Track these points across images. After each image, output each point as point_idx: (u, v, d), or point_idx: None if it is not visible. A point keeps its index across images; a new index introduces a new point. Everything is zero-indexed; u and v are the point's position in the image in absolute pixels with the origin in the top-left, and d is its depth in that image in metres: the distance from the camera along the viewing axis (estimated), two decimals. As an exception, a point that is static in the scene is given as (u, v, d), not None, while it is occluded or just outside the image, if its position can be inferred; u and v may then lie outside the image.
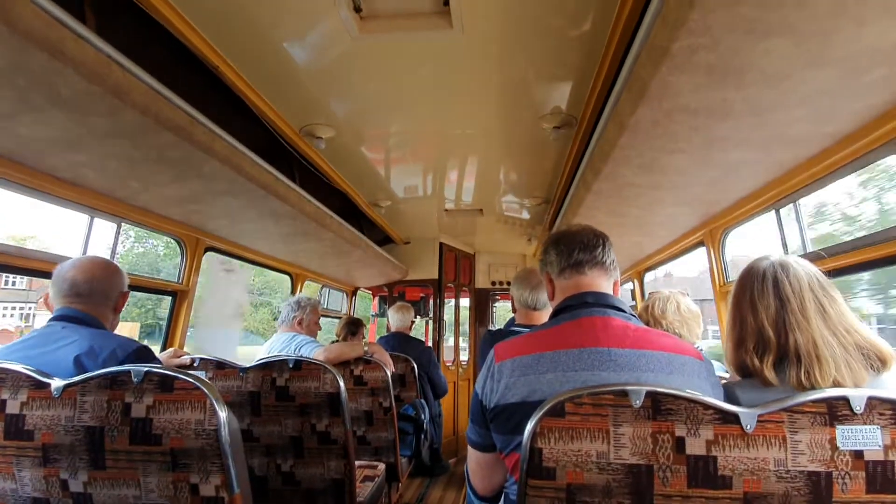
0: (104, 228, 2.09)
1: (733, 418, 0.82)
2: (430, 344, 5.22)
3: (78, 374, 1.09)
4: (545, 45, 1.73)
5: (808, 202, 1.95)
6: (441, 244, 5.25)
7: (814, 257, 1.18)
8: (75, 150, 1.55)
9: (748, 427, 0.81)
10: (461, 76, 1.95)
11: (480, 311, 5.95)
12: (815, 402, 0.81)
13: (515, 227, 4.70)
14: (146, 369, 1.05)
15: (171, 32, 1.58)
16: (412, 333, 4.10)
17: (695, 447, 0.82)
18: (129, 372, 1.05)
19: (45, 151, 1.56)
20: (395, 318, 3.96)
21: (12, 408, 1.07)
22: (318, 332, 2.88)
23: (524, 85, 2.02)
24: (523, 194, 3.69)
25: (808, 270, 1.05)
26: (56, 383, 1.06)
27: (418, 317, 5.37)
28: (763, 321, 1.03)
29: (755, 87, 1.25)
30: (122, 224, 2.19)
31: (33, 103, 1.25)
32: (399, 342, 3.79)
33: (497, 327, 5.91)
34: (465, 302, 5.94)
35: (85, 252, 2.01)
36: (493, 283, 5.93)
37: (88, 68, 1.15)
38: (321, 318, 2.94)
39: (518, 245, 5.46)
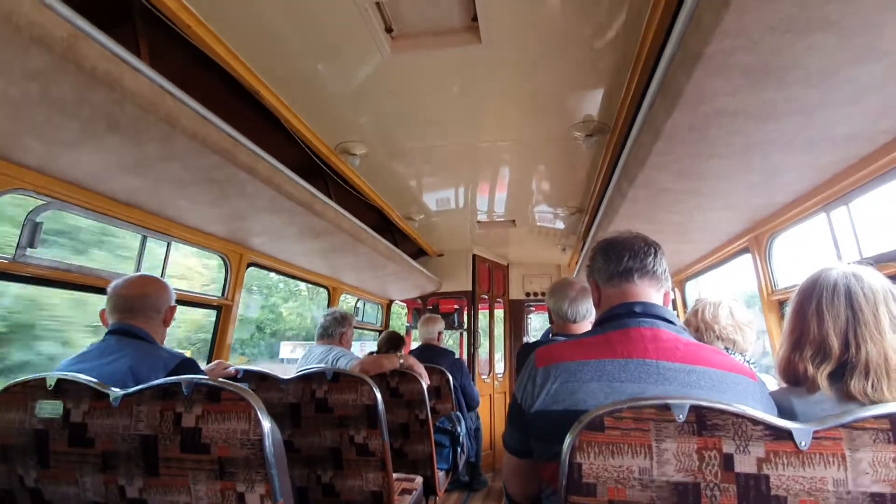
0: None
1: (786, 434, 0.77)
2: (464, 356, 5.20)
3: (130, 386, 1.15)
4: (575, 55, 1.73)
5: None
6: (474, 256, 5.26)
7: (877, 261, 1.12)
8: (131, 173, 1.67)
9: (803, 444, 0.76)
10: (491, 89, 1.97)
11: (515, 322, 5.88)
12: (876, 417, 0.75)
13: (549, 237, 4.64)
14: (195, 381, 1.10)
15: (216, 60, 1.68)
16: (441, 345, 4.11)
17: (744, 465, 0.78)
18: (179, 383, 1.10)
19: (104, 176, 1.69)
20: (423, 331, 4.03)
21: (76, 417, 1.14)
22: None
23: (554, 95, 2.01)
24: (556, 204, 3.65)
25: (881, 282, 1.01)
26: (114, 394, 1.12)
27: (452, 329, 5.36)
28: (828, 331, 0.99)
29: (798, 86, 1.20)
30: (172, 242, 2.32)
31: (95, 132, 1.35)
32: (428, 354, 3.81)
33: (533, 339, 5.86)
34: (499, 313, 5.90)
35: (139, 270, 2.14)
36: (528, 294, 5.87)
37: (144, 98, 1.24)
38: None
39: (552, 255, 5.38)
